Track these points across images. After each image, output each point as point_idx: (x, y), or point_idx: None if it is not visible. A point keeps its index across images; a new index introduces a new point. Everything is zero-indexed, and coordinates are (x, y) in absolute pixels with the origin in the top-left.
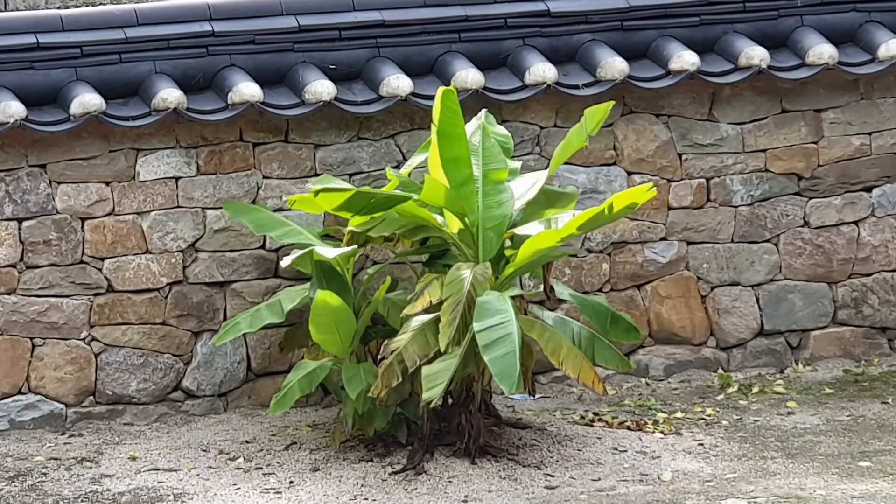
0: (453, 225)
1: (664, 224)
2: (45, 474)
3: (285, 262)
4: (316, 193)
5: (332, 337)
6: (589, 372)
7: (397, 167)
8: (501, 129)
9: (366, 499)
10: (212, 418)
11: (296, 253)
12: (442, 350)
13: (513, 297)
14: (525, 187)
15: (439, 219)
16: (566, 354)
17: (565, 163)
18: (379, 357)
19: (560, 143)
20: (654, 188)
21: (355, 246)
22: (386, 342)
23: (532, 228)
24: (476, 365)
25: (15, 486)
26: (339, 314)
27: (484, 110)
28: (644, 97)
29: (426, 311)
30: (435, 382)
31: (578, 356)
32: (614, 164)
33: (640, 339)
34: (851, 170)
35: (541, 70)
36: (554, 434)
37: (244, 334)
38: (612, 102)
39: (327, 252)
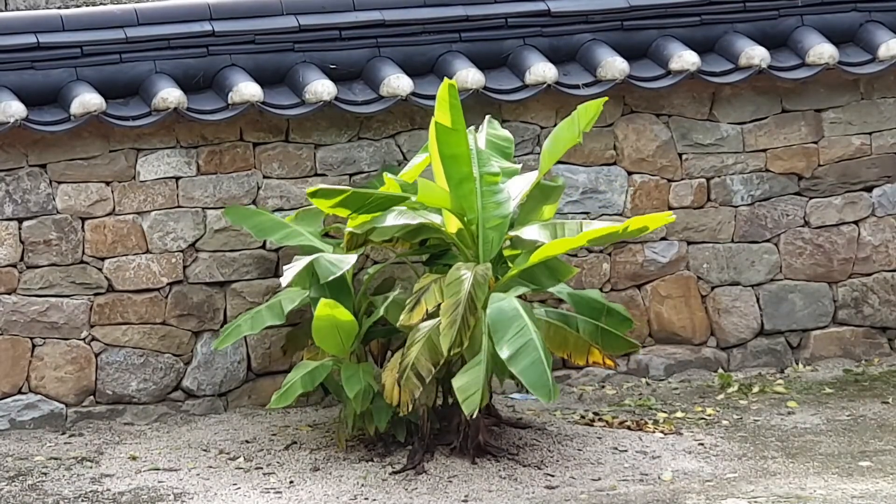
0: (452, 225)
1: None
2: (45, 474)
3: (284, 281)
4: (313, 193)
5: (333, 340)
6: (597, 353)
7: (397, 167)
8: (503, 132)
9: (366, 498)
10: (212, 418)
11: (292, 270)
12: (444, 353)
13: (519, 297)
14: (520, 186)
15: (437, 219)
16: (573, 345)
17: (565, 162)
18: (397, 373)
19: (549, 137)
20: (673, 216)
21: (361, 251)
22: (397, 356)
23: (533, 233)
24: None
25: (15, 485)
26: (341, 320)
27: (487, 116)
28: (644, 97)
29: (428, 317)
30: (468, 393)
31: (585, 343)
32: (614, 163)
33: (632, 328)
34: (852, 169)
35: (541, 70)
36: (554, 434)
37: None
38: (606, 99)
39: (338, 261)
